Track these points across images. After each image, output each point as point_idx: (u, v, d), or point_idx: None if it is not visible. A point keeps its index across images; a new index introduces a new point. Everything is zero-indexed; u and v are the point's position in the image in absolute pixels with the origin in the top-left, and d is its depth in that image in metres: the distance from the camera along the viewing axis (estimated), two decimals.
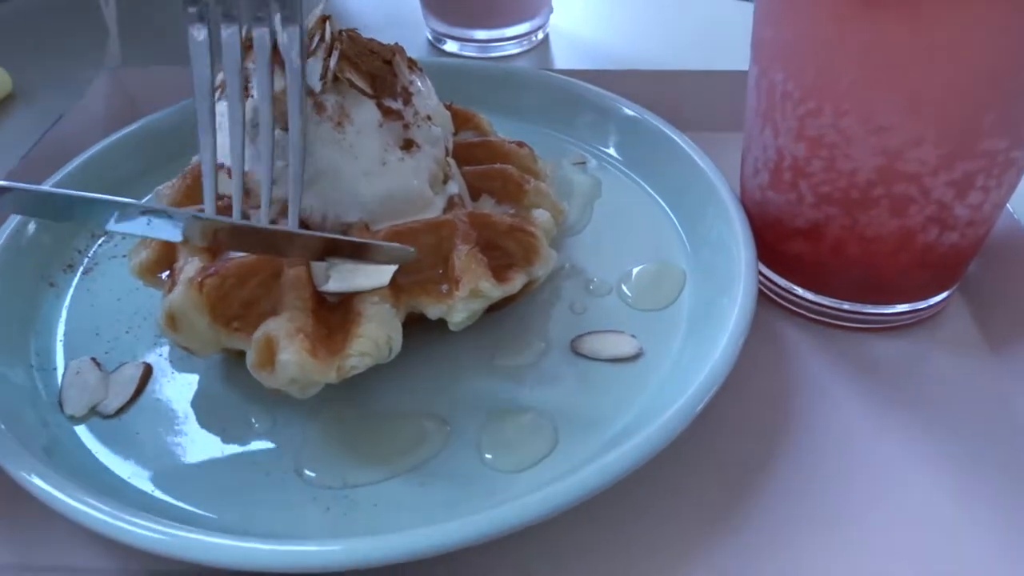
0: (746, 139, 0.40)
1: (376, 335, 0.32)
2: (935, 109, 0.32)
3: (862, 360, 0.38)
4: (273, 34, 0.34)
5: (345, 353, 0.31)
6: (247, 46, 0.35)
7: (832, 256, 0.38)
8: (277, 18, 0.34)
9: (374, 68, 0.36)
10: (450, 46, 0.63)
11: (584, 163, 0.48)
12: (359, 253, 0.33)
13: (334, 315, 0.33)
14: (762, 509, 0.32)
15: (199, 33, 0.35)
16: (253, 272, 0.33)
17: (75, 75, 0.55)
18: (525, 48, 0.63)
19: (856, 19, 0.31)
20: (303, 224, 0.35)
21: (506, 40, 0.62)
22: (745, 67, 0.40)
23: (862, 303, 0.39)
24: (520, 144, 0.42)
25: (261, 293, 0.33)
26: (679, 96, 0.51)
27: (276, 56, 0.34)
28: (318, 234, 0.33)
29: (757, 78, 0.37)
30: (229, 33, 0.35)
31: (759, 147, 0.38)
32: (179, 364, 0.37)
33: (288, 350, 0.30)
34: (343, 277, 0.33)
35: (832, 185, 0.35)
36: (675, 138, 0.45)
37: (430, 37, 0.65)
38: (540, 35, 0.64)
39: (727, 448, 0.34)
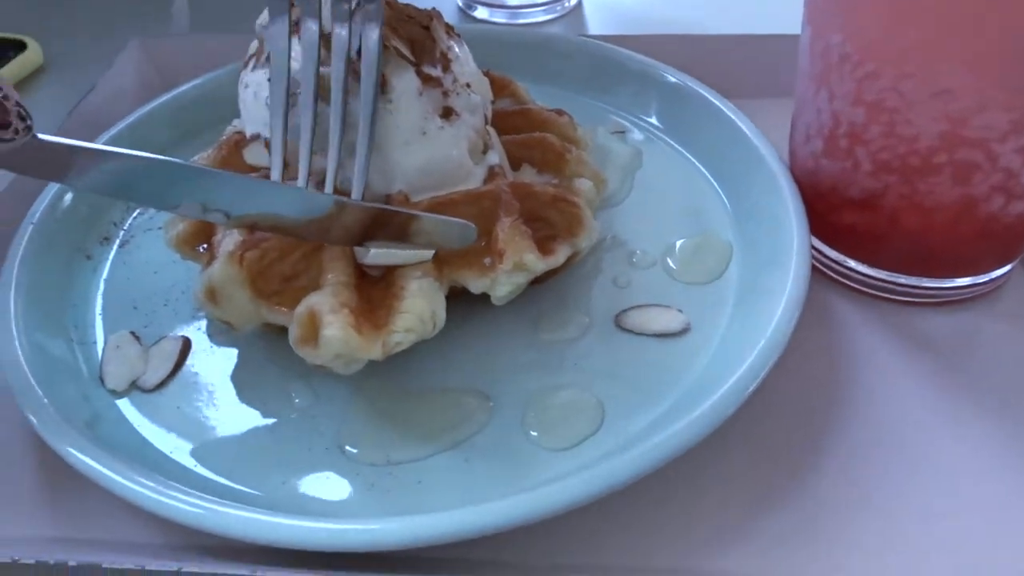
0: (797, 105, 0.39)
1: (420, 310, 0.31)
2: (1005, 70, 0.30)
3: (917, 336, 0.37)
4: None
5: (389, 329, 0.31)
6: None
7: (888, 227, 0.36)
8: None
9: (413, 34, 0.35)
10: (480, 12, 0.62)
11: (623, 132, 0.47)
12: (418, 230, 0.32)
13: (376, 289, 0.33)
14: (813, 491, 0.31)
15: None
16: (294, 246, 0.32)
17: (105, 46, 0.54)
18: (557, 14, 0.61)
19: None
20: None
21: (537, 6, 0.61)
22: (793, 30, 0.39)
23: (918, 276, 0.37)
24: (559, 112, 0.41)
25: (302, 267, 0.33)
26: (722, 62, 0.49)
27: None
28: (389, 207, 0.32)
29: (811, 40, 0.35)
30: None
31: (812, 113, 0.37)
32: (218, 338, 0.37)
33: (333, 325, 0.30)
34: (385, 250, 0.32)
35: (891, 152, 0.34)
36: (720, 105, 0.44)
37: (460, 3, 0.63)
38: (572, 0, 0.62)
39: (777, 427, 0.33)
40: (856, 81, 0.33)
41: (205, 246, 0.36)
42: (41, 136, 0.28)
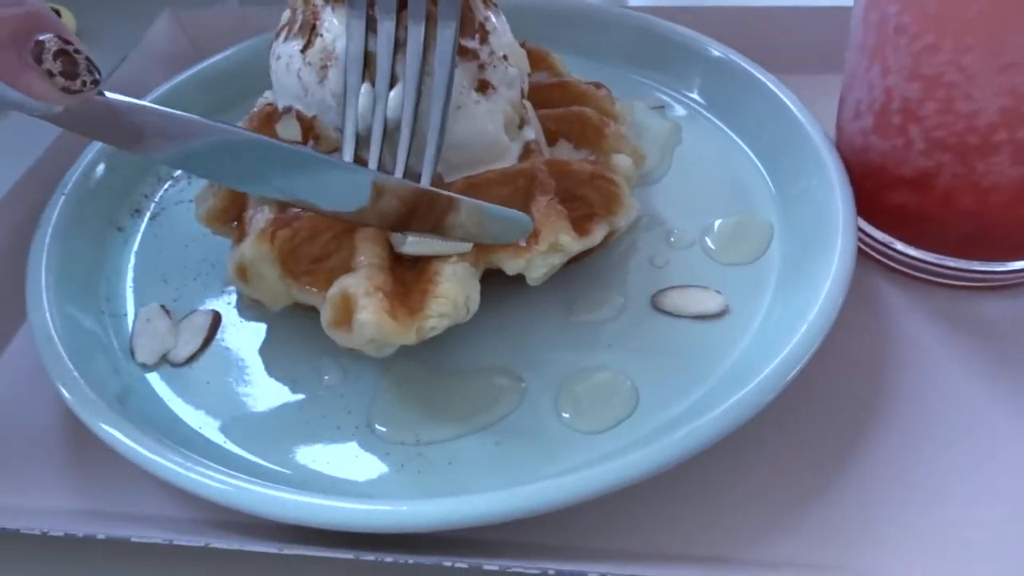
0: (847, 79, 0.37)
1: (455, 295, 0.30)
2: None
3: (968, 321, 0.35)
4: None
5: (424, 314, 0.30)
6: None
7: (941, 208, 0.34)
8: None
9: None
10: None
11: (663, 107, 0.45)
12: (460, 222, 0.31)
13: (410, 272, 0.32)
14: (859, 481, 0.30)
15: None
16: (326, 226, 0.32)
17: (138, 15, 0.54)
18: None
19: None
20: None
21: None
22: (842, 2, 0.37)
23: (970, 259, 0.36)
24: (597, 85, 0.39)
25: (333, 248, 0.32)
26: (767, 35, 0.47)
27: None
28: (440, 192, 0.31)
29: (865, 10, 0.34)
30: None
31: (863, 88, 0.35)
32: (247, 313, 0.37)
33: (367, 310, 0.29)
34: (422, 239, 0.32)
35: (947, 129, 0.32)
36: (764, 80, 0.42)
37: None
38: None
39: (820, 414, 0.32)
40: (913, 54, 0.32)
41: (236, 222, 0.36)
42: (107, 93, 0.28)
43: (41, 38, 0.25)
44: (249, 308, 0.37)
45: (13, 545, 0.29)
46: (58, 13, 0.55)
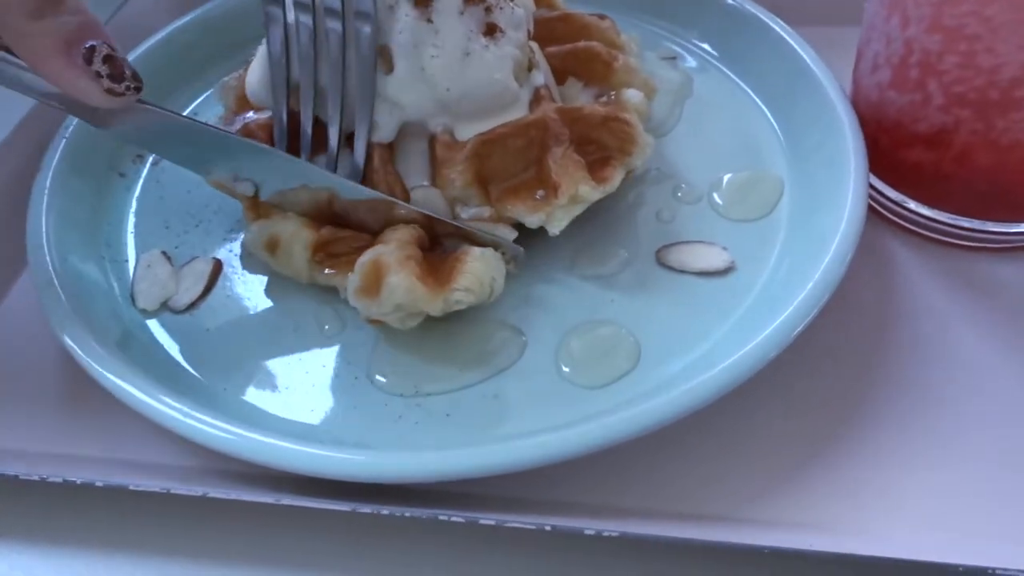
0: (865, 31, 0.36)
1: (481, 273, 0.31)
2: None
3: (981, 283, 0.35)
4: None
5: (451, 287, 0.30)
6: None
7: (957, 166, 0.33)
8: None
9: None
10: None
11: (675, 58, 0.44)
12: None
13: (437, 257, 0.32)
14: (862, 441, 0.30)
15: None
16: (358, 239, 0.33)
17: None
18: None
19: None
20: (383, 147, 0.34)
21: None
22: None
23: (985, 219, 0.35)
24: (601, 16, 0.38)
25: (367, 246, 0.32)
26: None
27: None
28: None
29: None
30: None
31: (881, 40, 0.34)
32: (249, 262, 0.36)
33: (399, 274, 0.29)
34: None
35: (967, 84, 0.31)
36: (778, 30, 0.41)
37: None
38: None
39: (826, 375, 0.32)
40: (934, 4, 0.30)
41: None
42: (144, 101, 0.30)
43: (92, 43, 0.28)
44: (250, 257, 0.36)
45: (11, 491, 0.29)
46: None
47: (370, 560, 0.28)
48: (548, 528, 0.25)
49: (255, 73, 0.35)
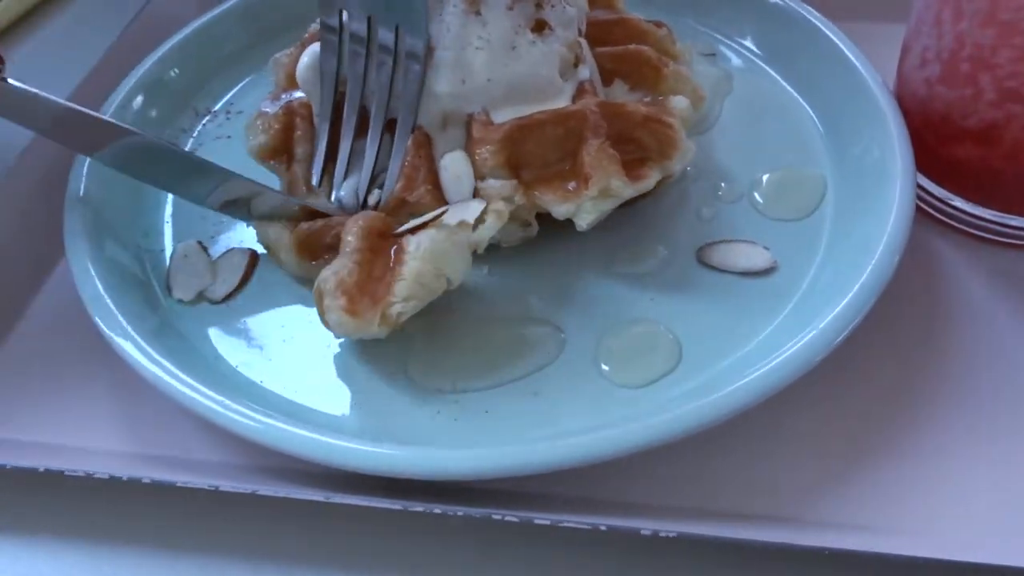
0: (914, 24, 0.35)
1: (418, 274, 0.29)
2: None
3: None
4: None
5: (387, 301, 0.29)
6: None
7: (1007, 162, 0.33)
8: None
9: None
10: None
11: (714, 55, 0.43)
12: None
13: (392, 248, 0.31)
14: (911, 444, 0.29)
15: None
16: (338, 220, 0.33)
17: None
18: None
19: None
20: (421, 136, 0.34)
21: None
22: None
23: None
24: (658, 24, 0.38)
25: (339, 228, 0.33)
26: None
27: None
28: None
29: None
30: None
31: (932, 34, 0.33)
32: None
33: (331, 309, 0.29)
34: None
35: (1022, 79, 0.30)
36: (820, 26, 0.40)
37: None
38: None
39: (872, 376, 0.31)
40: None
41: (285, 158, 0.36)
42: (11, 81, 0.31)
43: None
44: None
45: (58, 485, 0.29)
46: None
47: (420, 558, 0.28)
48: (603, 528, 0.24)
49: (304, 61, 0.35)
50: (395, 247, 0.31)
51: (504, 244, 0.35)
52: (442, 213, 0.31)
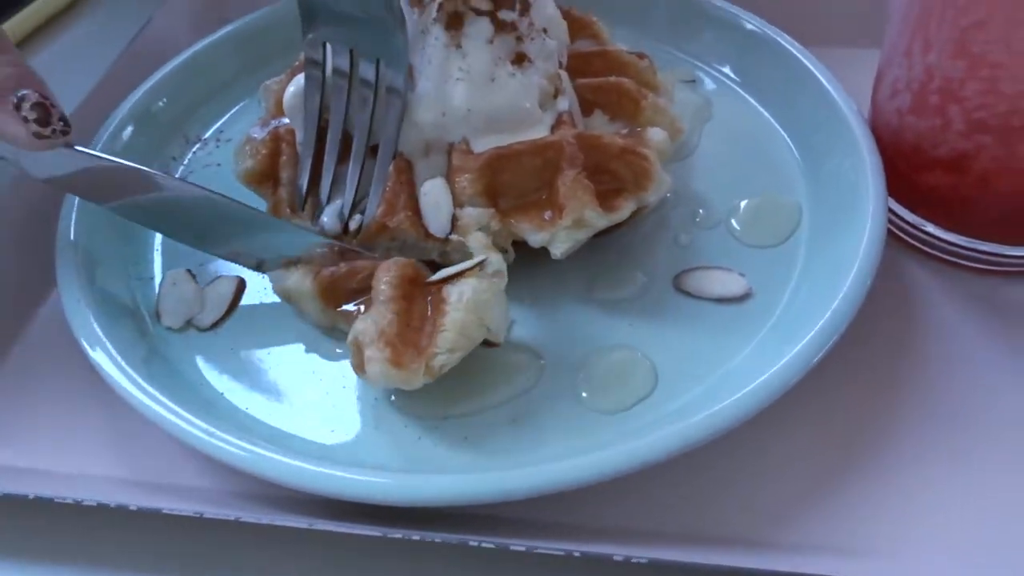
0: (885, 55, 0.36)
1: (462, 324, 0.29)
2: None
3: (1001, 307, 0.35)
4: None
5: (431, 352, 0.29)
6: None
7: (977, 190, 0.33)
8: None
9: None
10: None
11: (694, 81, 0.44)
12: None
13: (428, 298, 0.31)
14: (884, 467, 0.30)
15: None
16: (364, 265, 0.33)
17: None
18: None
19: None
20: (402, 163, 0.34)
21: None
22: None
23: (1004, 244, 0.35)
24: (640, 55, 0.39)
25: (368, 282, 0.32)
26: (803, 6, 0.46)
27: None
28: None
29: None
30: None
31: (902, 65, 0.34)
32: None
33: (372, 361, 0.29)
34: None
35: (989, 111, 0.31)
36: (796, 54, 0.41)
37: None
38: None
39: (846, 399, 0.32)
40: (960, 30, 0.30)
41: (271, 184, 0.37)
42: (78, 147, 0.33)
43: (23, 92, 0.31)
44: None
45: (48, 512, 0.30)
46: None
47: None
48: (577, 554, 0.25)
49: (290, 90, 0.36)
50: (430, 296, 0.31)
51: None
52: (481, 262, 0.31)
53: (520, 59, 0.34)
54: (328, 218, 0.35)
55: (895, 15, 0.34)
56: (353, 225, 0.35)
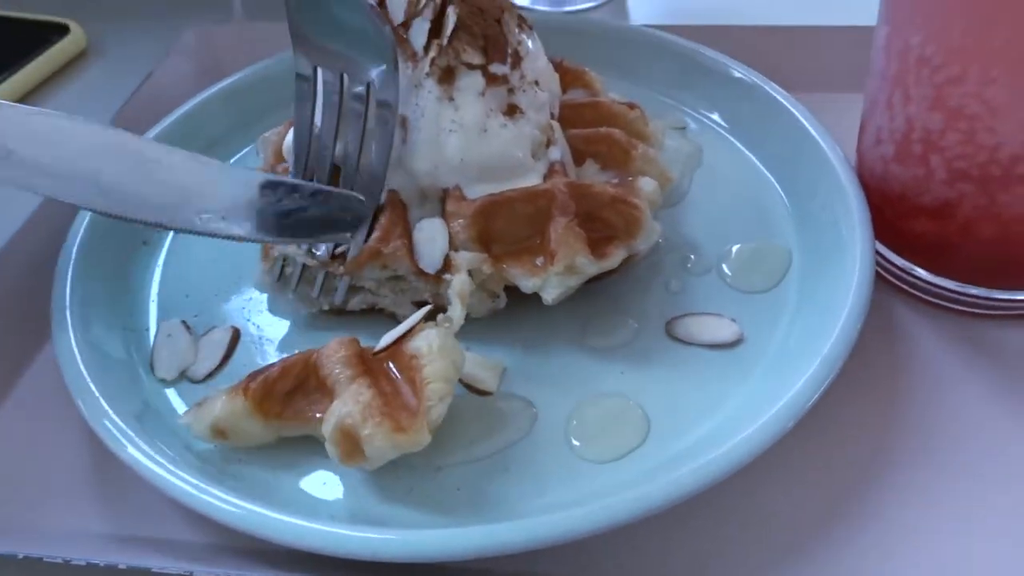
0: (868, 105, 0.37)
1: (444, 371, 0.29)
2: None
3: (990, 349, 0.35)
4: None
5: (426, 407, 0.28)
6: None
7: (962, 237, 0.34)
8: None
9: (487, 29, 0.34)
10: (521, 0, 0.60)
11: (684, 128, 0.45)
12: None
13: (386, 364, 0.31)
14: (876, 512, 0.30)
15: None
16: (295, 361, 0.31)
17: (150, 32, 0.54)
18: (599, 2, 0.59)
19: None
20: (397, 201, 0.35)
21: None
22: (864, 22, 0.36)
23: (991, 287, 0.35)
24: (631, 105, 0.39)
25: (303, 376, 0.31)
26: (789, 54, 0.47)
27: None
28: None
29: (887, 38, 0.33)
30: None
31: (884, 116, 0.35)
32: (266, 330, 0.37)
33: (375, 438, 0.28)
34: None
35: (969, 161, 0.32)
36: (784, 101, 0.42)
37: None
38: None
39: (837, 445, 0.32)
40: (935, 85, 0.31)
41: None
42: None
43: None
44: (269, 325, 0.37)
45: (37, 570, 0.30)
46: (67, 28, 0.54)
47: None
48: None
49: (290, 137, 0.37)
50: (389, 362, 0.30)
51: (473, 315, 0.35)
52: (419, 319, 0.31)
53: (512, 110, 0.35)
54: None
55: (875, 69, 0.35)
56: (343, 250, 0.35)
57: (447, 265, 0.34)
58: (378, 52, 0.33)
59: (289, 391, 0.31)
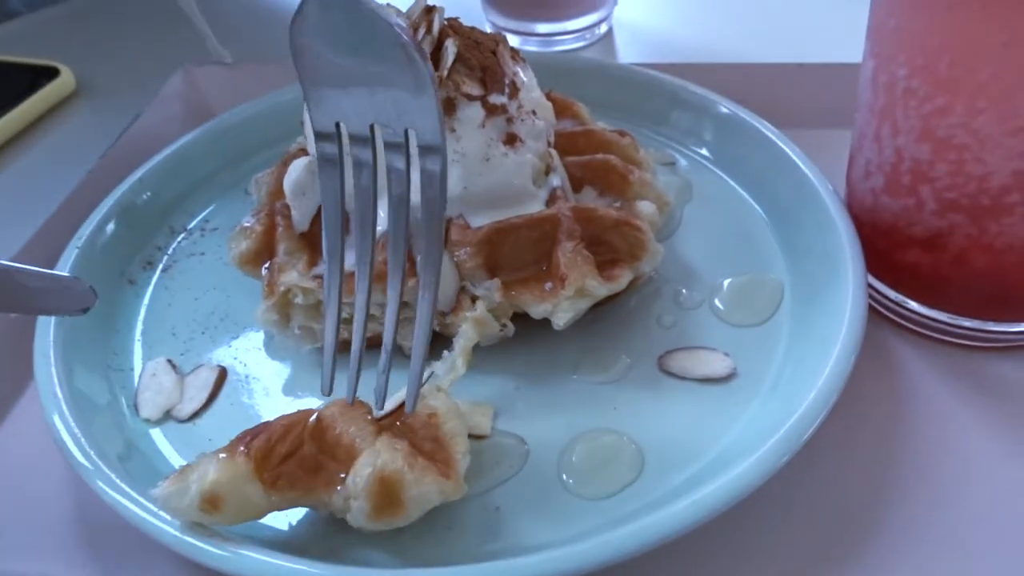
0: (857, 138, 0.37)
1: (461, 428, 0.29)
2: None
3: (983, 382, 0.35)
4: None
5: (456, 458, 0.28)
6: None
7: (954, 268, 0.34)
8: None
9: (484, 61, 0.35)
10: (511, 40, 0.60)
11: (673, 163, 0.45)
12: None
13: (402, 424, 0.29)
14: (871, 546, 0.29)
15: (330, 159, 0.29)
16: (296, 420, 0.29)
17: (139, 73, 0.55)
18: (588, 42, 0.60)
19: (1000, 3, 0.27)
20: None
21: (568, 33, 0.59)
22: (850, 59, 0.37)
23: (985, 319, 0.35)
24: (622, 133, 0.40)
25: (302, 440, 0.29)
26: (776, 91, 0.47)
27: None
28: None
29: (874, 71, 0.34)
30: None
31: (873, 148, 0.35)
32: (253, 368, 0.37)
33: (423, 483, 0.27)
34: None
35: (959, 191, 0.32)
36: (771, 136, 0.42)
37: (490, 31, 0.62)
38: (603, 28, 0.61)
39: (832, 479, 0.31)
40: (923, 117, 0.31)
41: (267, 265, 0.36)
42: None
43: None
44: (255, 364, 0.37)
45: None
46: (57, 71, 0.55)
47: None
48: None
49: (292, 174, 0.36)
50: (398, 422, 0.29)
51: (481, 344, 0.34)
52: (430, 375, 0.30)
53: (512, 139, 0.35)
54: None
55: (863, 103, 0.35)
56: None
57: (459, 301, 0.34)
58: (417, 91, 0.26)
59: (284, 456, 0.28)
